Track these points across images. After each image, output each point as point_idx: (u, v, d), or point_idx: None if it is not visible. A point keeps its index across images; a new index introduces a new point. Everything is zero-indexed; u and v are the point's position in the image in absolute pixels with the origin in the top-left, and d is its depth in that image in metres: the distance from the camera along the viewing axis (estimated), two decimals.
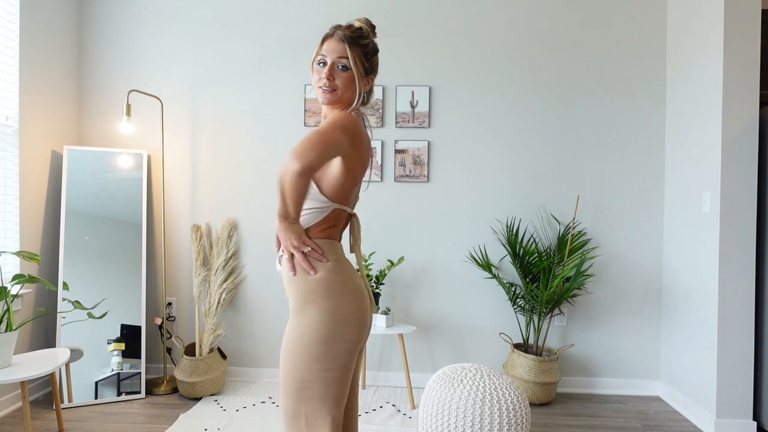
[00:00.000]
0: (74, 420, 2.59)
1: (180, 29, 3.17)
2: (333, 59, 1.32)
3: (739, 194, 2.48)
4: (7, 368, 2.23)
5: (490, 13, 3.09)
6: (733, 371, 2.49)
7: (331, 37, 1.33)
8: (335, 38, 1.32)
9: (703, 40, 2.64)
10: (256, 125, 3.16)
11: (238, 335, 3.18)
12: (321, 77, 1.32)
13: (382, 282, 2.96)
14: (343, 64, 1.32)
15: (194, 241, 3.08)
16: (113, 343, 2.87)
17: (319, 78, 1.33)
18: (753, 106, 2.47)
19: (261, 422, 2.58)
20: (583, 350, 3.08)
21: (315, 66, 1.35)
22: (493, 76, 3.09)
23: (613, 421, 2.68)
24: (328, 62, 1.32)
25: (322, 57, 1.33)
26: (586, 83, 3.05)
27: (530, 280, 2.92)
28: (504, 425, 1.99)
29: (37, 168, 2.85)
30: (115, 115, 3.16)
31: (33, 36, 2.82)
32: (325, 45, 1.33)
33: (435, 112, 3.10)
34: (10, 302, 2.28)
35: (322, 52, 1.33)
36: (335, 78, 1.32)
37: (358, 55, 1.33)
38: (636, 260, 3.05)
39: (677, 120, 2.91)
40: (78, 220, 2.88)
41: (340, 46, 1.31)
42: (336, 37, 1.32)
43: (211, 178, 3.18)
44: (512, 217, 3.08)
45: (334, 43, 1.32)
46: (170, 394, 2.95)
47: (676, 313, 2.89)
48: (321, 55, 1.33)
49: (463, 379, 2.06)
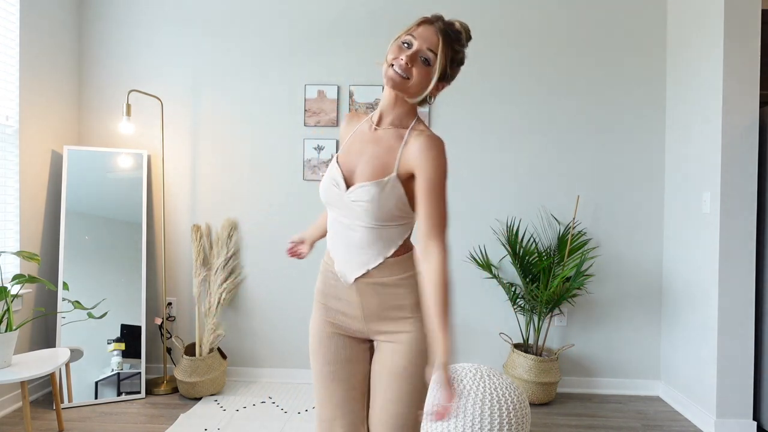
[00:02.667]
0: (74, 420, 2.59)
1: (180, 29, 3.17)
2: (421, 47, 1.20)
3: (739, 194, 2.48)
4: (7, 368, 2.23)
5: (490, 13, 3.09)
6: (733, 371, 2.49)
7: (430, 24, 1.22)
8: (434, 28, 1.21)
9: (704, 40, 2.64)
10: (256, 125, 3.16)
11: (238, 335, 3.18)
12: (400, 58, 1.20)
13: None
14: (427, 57, 1.21)
15: (194, 241, 3.08)
16: (113, 343, 2.87)
17: (395, 57, 1.21)
18: (753, 106, 2.47)
19: (261, 422, 2.58)
20: (583, 350, 3.08)
21: (397, 43, 1.23)
22: (493, 76, 3.09)
23: (613, 421, 2.68)
24: (415, 47, 1.20)
25: (410, 39, 1.21)
26: (586, 83, 3.05)
27: (530, 280, 2.92)
28: (504, 425, 1.99)
29: (37, 168, 2.85)
30: (115, 115, 3.16)
31: (33, 36, 2.82)
32: (420, 29, 1.22)
33: (435, 112, 3.10)
34: (10, 302, 2.28)
35: (412, 34, 1.21)
36: (413, 66, 1.21)
37: (446, 57, 1.21)
38: (636, 260, 3.05)
39: (677, 120, 2.91)
40: (78, 220, 2.88)
41: (434, 38, 1.20)
42: (435, 28, 1.21)
43: (211, 178, 3.18)
44: (512, 217, 3.08)
45: (430, 33, 1.21)
46: (170, 394, 2.95)
47: (676, 313, 2.89)
48: (410, 35, 1.22)
49: (463, 379, 2.05)
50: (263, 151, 3.16)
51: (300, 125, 3.14)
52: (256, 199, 3.16)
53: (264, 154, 3.16)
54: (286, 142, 3.14)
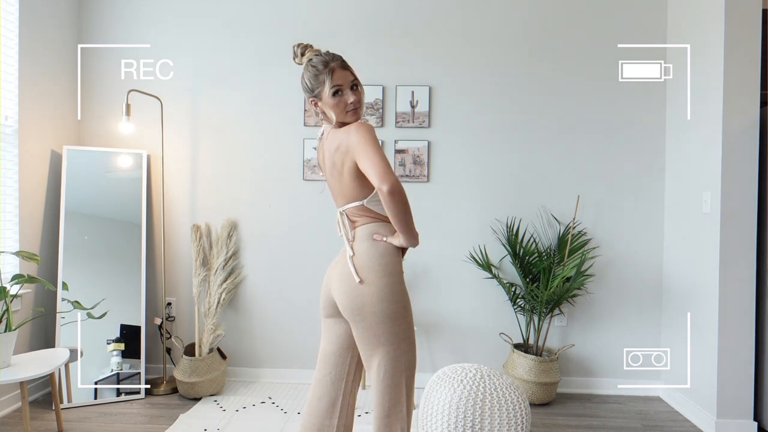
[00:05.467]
0: (74, 420, 2.58)
1: (180, 29, 3.16)
2: (348, 83, 1.55)
3: (739, 194, 2.48)
4: (7, 368, 2.22)
5: (490, 13, 3.08)
6: (733, 371, 2.49)
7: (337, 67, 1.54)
8: (340, 67, 1.55)
9: (704, 39, 2.64)
10: (256, 125, 3.16)
11: (238, 335, 3.18)
12: (350, 101, 1.55)
13: None
14: (355, 84, 1.57)
15: (194, 241, 3.07)
16: (113, 343, 2.87)
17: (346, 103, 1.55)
18: (753, 105, 2.47)
19: (261, 422, 2.57)
20: (583, 350, 3.08)
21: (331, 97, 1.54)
22: (494, 75, 3.09)
23: (613, 421, 2.67)
24: (346, 87, 1.55)
25: (338, 86, 1.54)
26: (586, 83, 3.05)
27: (530, 280, 2.92)
28: (504, 425, 1.98)
29: (36, 168, 2.85)
30: (114, 115, 3.15)
31: (32, 36, 2.81)
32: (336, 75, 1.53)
33: (435, 112, 3.10)
34: (10, 302, 2.27)
35: (336, 83, 1.53)
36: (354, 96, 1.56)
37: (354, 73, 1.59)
38: (636, 260, 3.05)
39: (677, 120, 2.91)
40: (77, 220, 2.88)
41: (346, 72, 1.56)
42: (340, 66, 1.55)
43: (211, 178, 3.17)
44: (512, 217, 3.08)
45: (342, 71, 1.55)
46: (170, 394, 2.95)
47: (676, 313, 2.89)
48: (336, 85, 1.53)
49: (463, 380, 2.05)
50: (263, 151, 3.16)
51: (300, 125, 3.14)
52: (256, 199, 3.16)
53: (264, 154, 3.16)
54: (286, 142, 3.14)
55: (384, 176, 1.41)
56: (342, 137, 1.53)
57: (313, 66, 1.55)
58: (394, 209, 1.44)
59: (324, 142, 1.63)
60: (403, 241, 1.54)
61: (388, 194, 1.41)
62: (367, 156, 1.44)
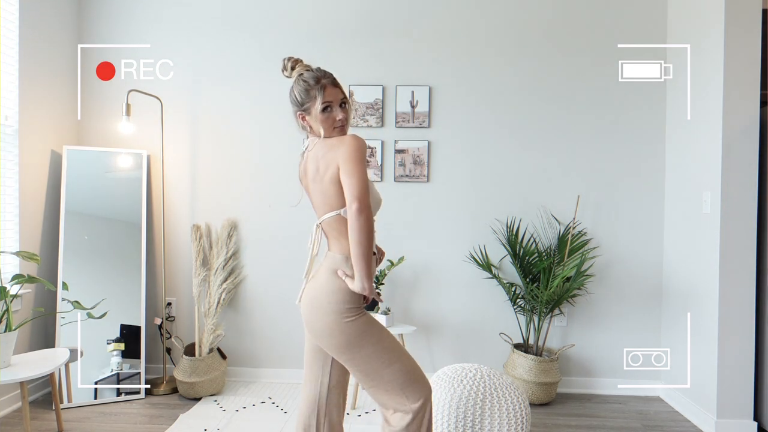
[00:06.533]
0: (74, 420, 2.58)
1: (180, 29, 3.17)
2: (338, 100, 1.58)
3: (739, 194, 2.48)
4: (7, 368, 2.22)
5: (490, 13, 3.09)
6: (733, 371, 2.49)
7: (328, 84, 1.57)
8: (331, 84, 1.58)
9: (704, 39, 2.64)
10: (256, 125, 3.16)
11: (238, 335, 3.18)
12: (339, 117, 1.58)
13: (383, 282, 2.96)
14: (344, 102, 1.60)
15: (194, 241, 3.07)
16: (113, 343, 2.87)
17: (335, 119, 1.57)
18: (753, 105, 2.47)
19: (261, 422, 2.57)
20: (583, 350, 3.08)
21: (321, 112, 1.56)
22: (494, 76, 3.09)
23: (613, 421, 2.67)
24: (336, 104, 1.57)
25: (327, 103, 1.56)
26: (586, 83, 3.05)
27: (530, 280, 2.92)
28: (504, 425, 1.99)
29: (36, 168, 2.85)
30: (114, 115, 3.15)
31: (32, 36, 2.81)
32: (327, 92, 1.56)
33: (435, 112, 3.10)
34: (10, 302, 2.27)
35: (327, 99, 1.55)
36: (343, 114, 1.59)
37: (343, 91, 1.63)
38: (636, 260, 3.05)
39: (677, 120, 2.91)
40: (77, 220, 2.88)
41: (336, 89, 1.58)
42: (331, 83, 1.58)
43: (211, 178, 3.17)
44: (512, 217, 3.08)
45: (333, 88, 1.58)
46: (170, 394, 2.95)
47: (676, 313, 2.89)
48: (327, 101, 1.56)
49: (463, 379, 2.05)
50: (263, 151, 3.16)
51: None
52: (256, 199, 3.16)
53: (264, 154, 3.16)
54: (286, 141, 3.14)
55: (359, 195, 1.44)
56: (334, 143, 1.55)
57: (305, 81, 1.57)
58: (356, 232, 1.44)
59: (309, 153, 1.64)
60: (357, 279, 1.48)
61: (356, 212, 1.43)
62: (350, 170, 1.46)
